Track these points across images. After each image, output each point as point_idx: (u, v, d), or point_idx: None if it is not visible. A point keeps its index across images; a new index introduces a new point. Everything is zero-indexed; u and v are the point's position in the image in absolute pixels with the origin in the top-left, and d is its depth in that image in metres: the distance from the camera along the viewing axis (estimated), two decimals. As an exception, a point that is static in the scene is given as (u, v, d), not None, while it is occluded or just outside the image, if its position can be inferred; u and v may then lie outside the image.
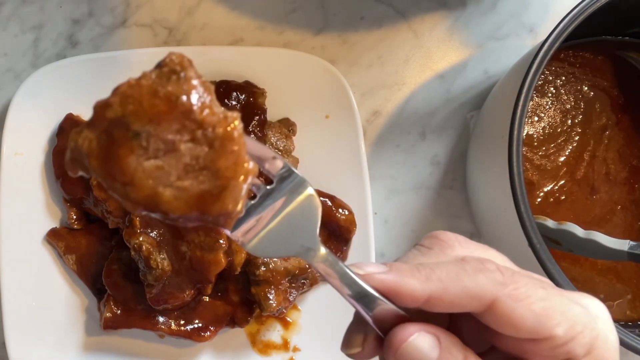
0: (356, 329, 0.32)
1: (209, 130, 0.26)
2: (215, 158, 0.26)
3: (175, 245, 0.53)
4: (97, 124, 0.26)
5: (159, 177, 0.26)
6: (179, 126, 0.26)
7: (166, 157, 0.26)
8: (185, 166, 0.26)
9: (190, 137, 0.26)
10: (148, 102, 0.26)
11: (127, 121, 0.26)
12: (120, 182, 0.26)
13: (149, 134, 0.25)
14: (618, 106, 0.59)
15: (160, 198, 0.26)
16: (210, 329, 0.56)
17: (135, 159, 0.26)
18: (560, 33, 0.47)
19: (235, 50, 0.60)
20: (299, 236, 0.31)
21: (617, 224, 0.58)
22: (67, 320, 0.58)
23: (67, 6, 0.62)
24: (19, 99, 0.57)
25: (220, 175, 0.26)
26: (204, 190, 0.26)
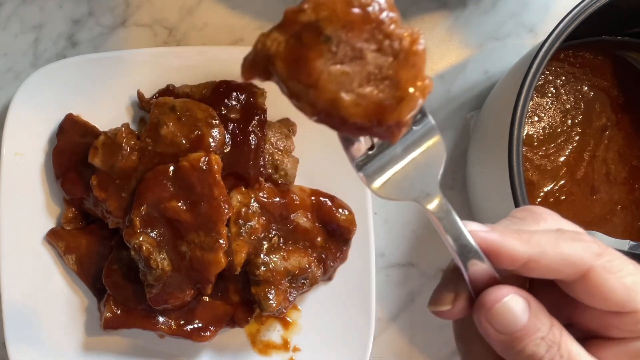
0: (447, 287, 0.32)
1: (396, 42, 0.27)
2: (397, 69, 0.27)
3: (175, 245, 0.53)
4: (288, 28, 0.27)
5: (343, 82, 0.27)
6: (368, 35, 0.27)
7: (352, 63, 0.27)
8: (368, 74, 0.27)
9: (377, 46, 0.27)
10: (342, 9, 0.26)
11: (320, 25, 0.26)
12: (304, 84, 0.27)
13: (339, 39, 0.26)
14: (618, 106, 0.59)
15: (341, 103, 0.27)
16: (210, 329, 0.56)
17: (323, 63, 0.27)
18: (560, 33, 0.47)
19: (235, 50, 0.60)
20: (421, 181, 0.31)
21: (617, 224, 0.58)
22: (67, 320, 0.58)
23: (67, 6, 0.62)
24: (19, 99, 0.57)
25: (399, 87, 0.27)
26: (382, 99, 0.27)
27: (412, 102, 0.27)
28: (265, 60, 0.28)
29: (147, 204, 0.53)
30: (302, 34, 0.27)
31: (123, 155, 0.54)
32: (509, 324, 0.30)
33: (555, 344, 0.29)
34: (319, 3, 0.27)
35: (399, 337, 0.62)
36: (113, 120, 0.58)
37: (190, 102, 0.56)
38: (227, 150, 0.56)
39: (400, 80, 0.27)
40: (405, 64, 0.27)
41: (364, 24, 0.27)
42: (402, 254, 0.62)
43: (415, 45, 0.27)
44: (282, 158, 0.57)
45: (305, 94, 0.28)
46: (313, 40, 0.27)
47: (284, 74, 0.28)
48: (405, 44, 0.27)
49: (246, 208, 0.55)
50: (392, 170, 0.31)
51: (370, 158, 0.31)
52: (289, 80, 0.28)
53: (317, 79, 0.27)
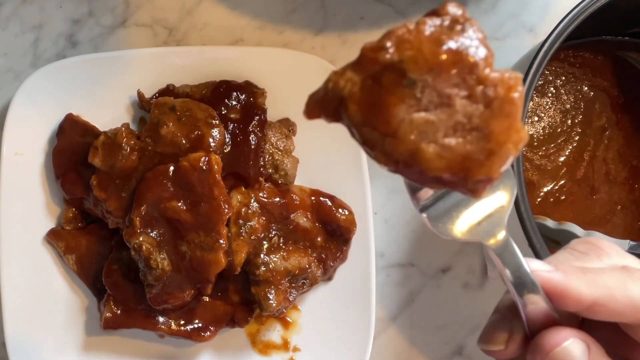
0: (501, 325, 0.30)
1: (490, 89, 0.24)
2: (489, 119, 0.24)
3: (175, 245, 0.53)
4: (365, 67, 0.24)
5: (425, 132, 0.24)
6: (458, 80, 0.24)
7: (438, 111, 0.24)
8: (455, 124, 0.24)
9: (468, 93, 0.24)
10: (430, 49, 0.23)
11: (404, 67, 0.23)
12: (381, 133, 0.24)
13: (425, 83, 0.23)
14: (618, 106, 0.59)
15: (422, 154, 0.24)
16: (210, 329, 0.56)
17: (405, 109, 0.24)
18: (560, 33, 0.47)
19: (235, 50, 0.60)
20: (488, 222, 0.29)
21: (617, 224, 0.58)
22: (67, 320, 0.58)
23: (67, 6, 0.62)
24: (19, 99, 0.57)
25: (491, 139, 0.24)
26: (469, 152, 0.24)
27: (504, 157, 0.24)
28: (337, 102, 0.25)
29: (147, 204, 0.53)
30: (381, 76, 0.24)
31: (123, 155, 0.54)
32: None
33: None
34: (403, 40, 0.24)
35: (399, 337, 0.62)
36: (113, 120, 0.58)
37: (190, 102, 0.56)
38: (227, 150, 0.56)
39: (492, 131, 0.24)
40: (499, 113, 0.24)
41: (454, 67, 0.24)
42: (402, 254, 0.62)
43: (512, 92, 0.24)
44: (282, 158, 0.57)
45: (381, 143, 0.24)
46: (394, 84, 0.24)
47: (357, 119, 0.25)
48: (501, 92, 0.24)
49: (246, 208, 0.55)
50: (458, 212, 0.29)
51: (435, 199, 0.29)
52: (363, 126, 0.25)
53: (397, 128, 0.24)
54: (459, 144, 0.24)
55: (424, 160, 0.24)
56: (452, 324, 0.62)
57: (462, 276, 0.62)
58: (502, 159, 0.24)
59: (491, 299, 0.62)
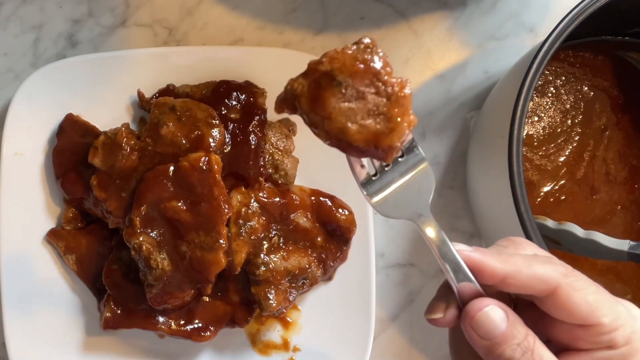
0: (440, 299, 0.38)
1: (389, 88, 0.35)
2: (390, 108, 0.35)
3: (175, 245, 0.53)
4: (310, 75, 0.36)
5: (349, 116, 0.35)
6: (368, 82, 0.35)
7: (356, 102, 0.35)
8: (368, 110, 0.36)
9: (375, 90, 0.36)
10: (350, 62, 0.35)
11: (334, 74, 0.35)
12: (321, 116, 0.36)
13: (347, 84, 0.35)
14: (618, 106, 0.59)
15: (348, 131, 0.35)
16: (210, 329, 0.56)
17: (335, 101, 0.35)
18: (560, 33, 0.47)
19: (235, 50, 0.60)
20: (414, 203, 0.39)
21: (617, 224, 0.58)
22: (67, 320, 0.58)
23: (67, 6, 0.62)
24: (19, 99, 0.57)
25: (391, 120, 0.35)
26: (378, 129, 0.36)
27: (401, 131, 0.36)
28: (293, 98, 0.37)
29: (147, 204, 0.53)
30: (320, 80, 0.36)
31: (123, 155, 0.54)
32: (489, 331, 0.35)
33: (529, 350, 0.35)
34: (333, 58, 0.36)
35: (399, 337, 0.62)
36: (113, 120, 0.58)
37: (190, 102, 0.56)
38: (227, 150, 0.56)
39: (392, 115, 0.35)
40: (395, 103, 0.36)
41: (365, 74, 0.36)
42: (402, 254, 0.62)
43: (403, 90, 0.36)
44: (282, 158, 0.57)
45: (321, 124, 0.36)
46: (328, 84, 0.36)
47: (306, 108, 0.36)
48: (396, 89, 0.36)
49: (246, 208, 0.55)
50: (389, 190, 0.39)
51: (373, 180, 0.40)
52: (310, 113, 0.36)
53: (331, 113, 0.35)
54: (371, 124, 0.36)
55: (349, 135, 0.36)
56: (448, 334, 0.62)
57: (462, 276, 0.62)
58: (399, 133, 0.36)
59: (491, 299, 0.62)
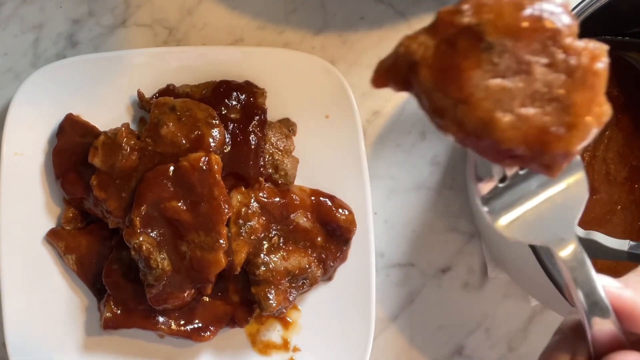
0: (563, 346, 0.28)
1: (573, 58, 0.22)
2: (571, 90, 0.22)
3: (175, 245, 0.53)
4: (440, 31, 0.23)
5: (501, 100, 0.22)
6: (539, 47, 0.22)
7: (515, 78, 0.22)
8: (533, 93, 0.22)
9: (549, 61, 0.22)
10: (510, 13, 0.22)
11: (481, 30, 0.22)
12: (453, 99, 0.23)
13: (503, 48, 0.22)
14: (618, 106, 0.59)
15: (497, 124, 0.22)
16: (210, 329, 0.56)
17: (480, 75, 0.22)
18: (560, 33, 0.47)
19: (235, 50, 0.60)
20: (555, 223, 0.27)
21: (617, 224, 0.58)
22: (67, 320, 0.58)
23: (67, 6, 0.62)
24: (19, 99, 0.57)
25: (571, 111, 0.22)
26: (548, 124, 0.22)
27: (585, 131, 0.23)
28: (407, 67, 0.24)
29: (147, 204, 0.53)
30: (457, 39, 0.23)
31: (123, 155, 0.54)
32: None
33: None
34: (482, 4, 0.22)
35: (399, 337, 0.62)
36: (113, 120, 0.58)
37: (190, 102, 0.56)
38: (227, 150, 0.56)
39: (574, 103, 0.22)
40: (581, 84, 0.22)
41: (535, 33, 0.22)
42: (402, 254, 0.62)
43: (596, 62, 0.22)
44: (282, 158, 0.57)
45: (452, 111, 0.23)
46: (470, 48, 0.22)
47: (429, 84, 0.23)
48: (585, 61, 0.22)
49: (246, 208, 0.55)
50: (522, 208, 0.27)
51: (499, 192, 0.27)
52: (435, 92, 0.23)
53: (470, 94, 0.22)
54: (537, 115, 0.22)
55: (497, 130, 0.22)
56: (452, 324, 0.62)
57: (462, 276, 0.62)
58: (582, 133, 0.23)
59: (491, 299, 0.62)
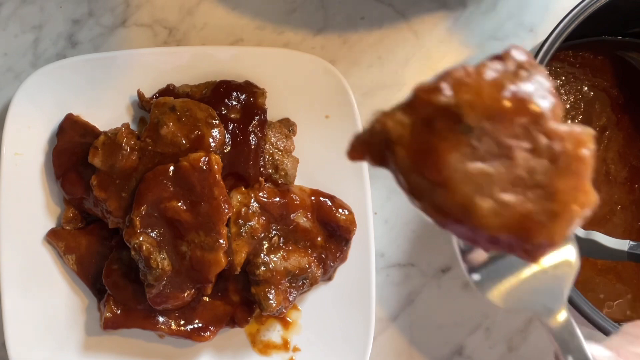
0: None
1: (557, 143, 0.21)
2: (554, 176, 0.22)
3: (175, 245, 0.53)
4: (417, 109, 0.22)
5: (481, 185, 0.21)
6: (521, 130, 0.21)
7: (496, 162, 0.21)
8: (515, 178, 0.21)
9: (531, 146, 0.21)
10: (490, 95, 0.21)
11: (460, 112, 0.21)
12: (430, 181, 0.22)
13: (483, 131, 0.21)
14: (618, 106, 0.59)
15: (477, 210, 0.22)
16: (210, 329, 0.56)
17: (458, 158, 0.21)
18: (560, 33, 0.47)
19: (235, 50, 0.60)
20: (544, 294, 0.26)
21: (617, 224, 0.58)
22: (67, 320, 0.58)
23: (67, 6, 0.62)
24: (19, 99, 0.57)
25: (555, 198, 0.21)
26: (530, 211, 0.21)
27: (570, 220, 0.22)
28: (383, 144, 0.23)
29: (147, 204, 0.53)
30: (434, 119, 0.22)
31: (123, 155, 0.54)
32: None
33: None
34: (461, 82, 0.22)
35: (399, 337, 0.62)
36: (113, 120, 0.58)
37: (190, 102, 0.56)
38: (227, 150, 0.56)
39: (557, 190, 0.21)
40: (565, 171, 0.21)
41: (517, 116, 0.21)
42: (402, 254, 0.62)
43: (581, 148, 0.22)
44: (282, 158, 0.57)
45: (430, 194, 0.23)
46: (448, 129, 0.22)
47: (405, 165, 0.23)
48: (569, 147, 0.21)
49: (246, 208, 0.55)
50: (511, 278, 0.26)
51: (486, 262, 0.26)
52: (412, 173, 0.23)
53: (449, 177, 0.22)
54: (519, 202, 0.21)
55: (478, 217, 0.22)
56: (452, 324, 0.62)
57: (462, 276, 0.62)
58: (566, 222, 0.22)
59: (491, 299, 0.62)
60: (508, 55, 0.22)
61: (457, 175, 0.22)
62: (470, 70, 0.22)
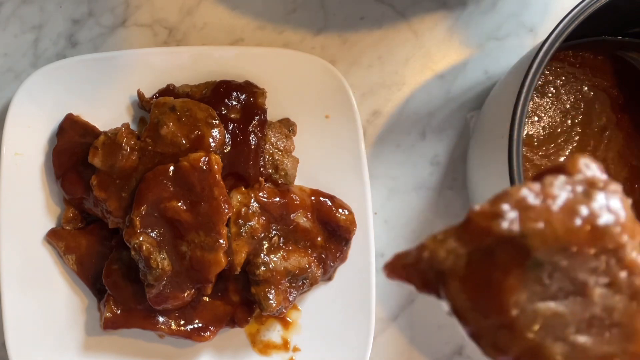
0: None
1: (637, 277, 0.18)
2: (635, 314, 0.18)
3: (175, 245, 0.53)
4: (474, 238, 0.19)
5: (552, 326, 0.18)
6: (598, 263, 0.18)
7: (569, 301, 0.18)
8: (591, 318, 0.18)
9: (609, 280, 0.18)
10: (563, 223, 0.17)
11: (527, 244, 0.18)
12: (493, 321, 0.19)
13: (555, 266, 0.18)
14: (618, 106, 0.59)
15: (547, 354, 0.19)
16: (210, 329, 0.56)
17: (525, 297, 0.18)
18: (560, 33, 0.47)
19: (235, 50, 0.60)
20: None
21: (617, 224, 0.58)
22: (67, 320, 0.58)
23: (67, 6, 0.62)
24: (19, 99, 0.57)
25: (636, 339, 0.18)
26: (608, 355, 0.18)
27: None
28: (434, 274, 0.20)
29: (147, 204, 0.53)
30: (495, 250, 0.18)
31: (123, 155, 0.54)
32: None
33: None
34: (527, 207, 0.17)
35: (399, 337, 0.62)
36: (113, 120, 0.58)
37: (190, 102, 0.56)
38: (227, 150, 0.56)
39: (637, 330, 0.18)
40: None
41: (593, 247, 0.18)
42: (402, 254, 0.62)
43: None
44: (282, 158, 0.57)
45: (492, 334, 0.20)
46: (513, 263, 0.18)
47: (461, 301, 0.20)
48: None
49: (246, 208, 0.55)
50: None
51: None
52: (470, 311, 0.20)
53: (515, 318, 0.19)
54: (595, 344, 0.18)
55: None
56: (452, 324, 0.61)
57: (462, 276, 0.62)
58: None
59: (491, 299, 0.62)
60: (575, 167, 0.19)
61: (524, 315, 0.19)
62: (536, 190, 0.18)
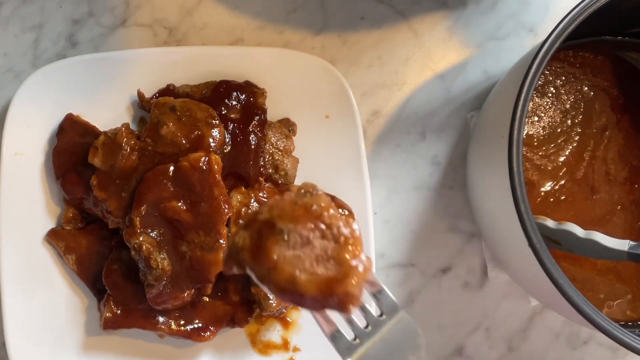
0: None
1: (335, 229, 0.34)
2: (339, 251, 0.33)
3: (175, 245, 0.53)
4: (250, 226, 0.34)
5: (297, 264, 0.33)
6: (312, 226, 0.33)
7: (302, 248, 0.33)
8: (316, 256, 0.33)
9: (321, 234, 0.33)
10: (289, 208, 0.34)
11: (274, 222, 0.33)
12: (267, 268, 0.33)
13: (289, 230, 0.33)
14: (618, 106, 0.59)
15: (297, 281, 0.33)
16: (210, 329, 0.56)
17: (279, 250, 0.33)
18: (560, 33, 0.47)
19: (235, 50, 0.60)
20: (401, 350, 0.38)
21: (617, 224, 0.58)
22: (67, 320, 0.58)
23: (67, 6, 0.62)
24: (19, 99, 0.57)
25: (343, 264, 0.33)
26: (331, 276, 0.33)
27: (356, 276, 0.33)
28: (237, 254, 0.34)
29: (147, 204, 0.53)
30: (261, 229, 0.34)
31: (123, 155, 0.54)
32: None
33: None
34: (272, 206, 0.34)
35: (399, 337, 0.62)
36: (113, 120, 0.58)
37: (190, 102, 0.56)
38: (227, 150, 0.56)
39: (343, 259, 0.33)
40: (345, 245, 0.33)
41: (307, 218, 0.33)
42: (402, 254, 0.62)
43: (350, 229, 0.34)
44: (282, 158, 0.57)
45: (268, 276, 0.33)
46: (269, 233, 0.33)
47: (250, 261, 0.34)
48: (343, 230, 0.34)
49: (246, 208, 0.55)
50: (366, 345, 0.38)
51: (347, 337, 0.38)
52: (255, 266, 0.34)
53: (276, 263, 0.33)
54: (322, 271, 0.33)
55: (299, 284, 0.33)
56: (452, 324, 0.62)
57: (462, 276, 0.62)
58: (354, 277, 0.33)
59: (491, 299, 0.62)
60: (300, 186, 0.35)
61: (280, 260, 0.33)
62: (277, 198, 0.35)
